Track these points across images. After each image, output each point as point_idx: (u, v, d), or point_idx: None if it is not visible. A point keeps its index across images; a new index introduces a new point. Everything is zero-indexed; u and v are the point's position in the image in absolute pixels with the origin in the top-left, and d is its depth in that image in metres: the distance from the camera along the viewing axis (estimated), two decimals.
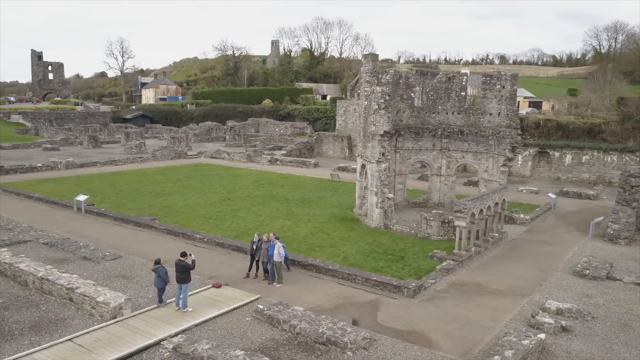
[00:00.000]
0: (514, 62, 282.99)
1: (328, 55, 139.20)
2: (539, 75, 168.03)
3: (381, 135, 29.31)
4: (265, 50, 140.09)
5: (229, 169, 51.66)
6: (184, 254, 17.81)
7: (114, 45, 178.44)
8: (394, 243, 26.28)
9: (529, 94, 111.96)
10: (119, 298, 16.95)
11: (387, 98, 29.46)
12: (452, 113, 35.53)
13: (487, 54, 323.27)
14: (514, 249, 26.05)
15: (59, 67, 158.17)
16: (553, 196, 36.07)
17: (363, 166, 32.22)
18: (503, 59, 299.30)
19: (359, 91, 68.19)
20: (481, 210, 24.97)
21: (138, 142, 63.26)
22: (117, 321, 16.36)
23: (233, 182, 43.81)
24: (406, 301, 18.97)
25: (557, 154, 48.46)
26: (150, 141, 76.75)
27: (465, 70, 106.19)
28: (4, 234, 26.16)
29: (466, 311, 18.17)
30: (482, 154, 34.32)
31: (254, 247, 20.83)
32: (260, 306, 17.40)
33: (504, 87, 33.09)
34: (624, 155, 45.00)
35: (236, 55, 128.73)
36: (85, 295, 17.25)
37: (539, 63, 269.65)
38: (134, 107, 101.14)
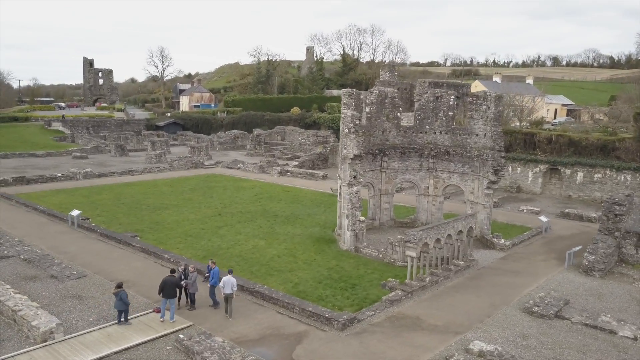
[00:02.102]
0: (567, 64, 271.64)
1: (361, 62, 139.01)
2: (586, 79, 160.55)
3: (352, 159, 29.38)
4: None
5: (237, 181, 52.83)
6: (173, 271, 20.28)
7: (155, 53, 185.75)
8: (355, 268, 26.33)
9: (567, 101, 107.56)
10: (51, 323, 18.06)
11: (357, 122, 29.49)
12: (440, 133, 35.06)
13: (539, 56, 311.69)
14: (477, 278, 25.49)
15: (108, 74, 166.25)
16: (545, 219, 34.82)
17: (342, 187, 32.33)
18: (556, 61, 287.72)
19: None
20: (438, 240, 24.64)
21: (159, 151, 65.73)
22: (45, 345, 17.46)
23: (233, 196, 44.87)
24: (333, 334, 19.12)
25: (568, 171, 46.58)
26: (177, 149, 79.33)
27: (496, 77, 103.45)
28: None
29: (387, 349, 18.13)
30: (468, 175, 33.72)
31: (182, 276, 21.30)
32: (181, 336, 18.08)
33: (489, 107, 32.35)
34: (638, 175, 42.72)
35: (272, 60, 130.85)
36: (24, 318, 18.50)
37: (595, 65, 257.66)
38: (168, 114, 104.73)
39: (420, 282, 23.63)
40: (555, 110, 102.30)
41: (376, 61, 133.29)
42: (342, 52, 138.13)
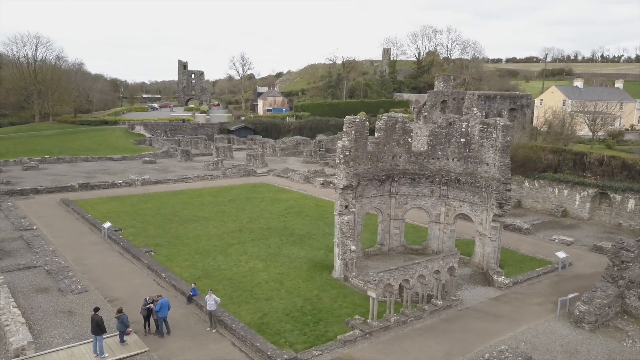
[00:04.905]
0: None
1: (446, 59, 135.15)
2: None
3: (342, 189, 29.66)
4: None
5: (278, 192, 54.60)
6: (97, 309, 21.65)
7: (236, 57, 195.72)
8: (332, 301, 26.71)
9: None
10: (23, 340, 20.72)
11: (348, 154, 29.66)
12: (452, 159, 34.04)
13: None
14: (451, 321, 24.76)
15: (200, 75, 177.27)
16: (562, 255, 32.50)
17: None
18: None
19: (425, 114, 66.51)
20: (407, 280, 24.33)
21: (216, 159, 69.46)
22: None
23: (265, 209, 46.58)
24: None
25: (618, 197, 42.70)
26: (242, 153, 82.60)
27: (577, 82, 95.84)
28: (27, 256, 32.26)
29: None
30: (478, 205, 32.52)
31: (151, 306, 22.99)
32: None
33: (498, 137, 30.91)
34: None
35: (347, 62, 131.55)
36: (7, 334, 21.38)
37: None
38: (243, 117, 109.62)
39: (384, 322, 23.55)
40: None
41: (452, 58, 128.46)
42: (415, 55, 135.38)
